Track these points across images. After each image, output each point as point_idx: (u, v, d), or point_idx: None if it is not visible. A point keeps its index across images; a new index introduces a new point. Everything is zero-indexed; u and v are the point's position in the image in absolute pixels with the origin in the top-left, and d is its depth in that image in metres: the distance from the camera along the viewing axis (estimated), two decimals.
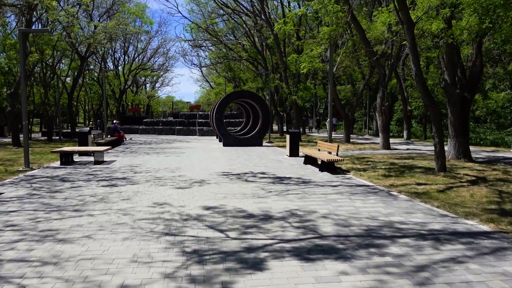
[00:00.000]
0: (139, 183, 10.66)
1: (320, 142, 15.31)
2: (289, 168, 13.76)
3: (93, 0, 30.50)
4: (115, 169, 13.41)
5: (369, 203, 8.26)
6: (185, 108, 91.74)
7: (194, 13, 40.35)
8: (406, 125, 28.83)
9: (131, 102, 62.52)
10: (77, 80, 34.12)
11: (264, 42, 34.53)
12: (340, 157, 13.03)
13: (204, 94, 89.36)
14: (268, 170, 13.26)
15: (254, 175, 12.19)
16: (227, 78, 54.94)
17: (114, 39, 34.02)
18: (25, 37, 22.28)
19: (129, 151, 20.39)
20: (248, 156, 17.81)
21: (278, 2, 34.89)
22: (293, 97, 26.47)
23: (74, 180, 11.16)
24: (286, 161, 15.86)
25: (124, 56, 52.08)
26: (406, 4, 11.42)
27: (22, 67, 13.78)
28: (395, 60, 21.15)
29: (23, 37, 13.67)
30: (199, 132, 35.42)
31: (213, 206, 8.01)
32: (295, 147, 17.26)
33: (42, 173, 12.59)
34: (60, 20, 24.96)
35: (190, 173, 12.60)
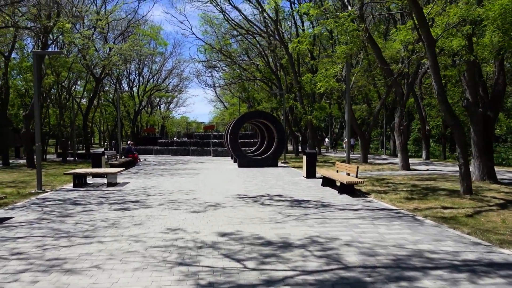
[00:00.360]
0: (152, 207, 10.32)
1: (338, 163, 14.86)
2: (306, 190, 13.31)
3: (108, 23, 30.86)
4: (128, 192, 13.12)
5: (394, 229, 7.77)
6: (199, 128, 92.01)
7: (207, 34, 40.58)
8: (425, 144, 28.17)
9: (146, 123, 62.84)
10: (92, 101, 34.35)
11: (278, 62, 34.46)
12: (360, 178, 12.55)
13: (218, 114, 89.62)
14: (285, 192, 12.83)
15: (270, 197, 11.77)
16: (241, 99, 54.95)
17: (129, 61, 34.27)
18: (40, 59, 22.49)
19: (143, 172, 20.16)
20: (264, 177, 17.41)
21: (292, 23, 34.96)
22: (308, 117, 26.12)
23: (85, 204, 10.88)
24: (303, 182, 15.41)
25: (139, 78, 52.59)
26: (427, 21, 11.09)
27: (36, 88, 13.71)
28: (413, 78, 20.71)
29: (37, 59, 13.64)
30: (214, 153, 35.18)
31: (229, 232, 7.60)
32: (312, 168, 16.82)
33: (54, 196, 12.35)
34: (76, 42, 25.20)
35: (204, 195, 12.24)
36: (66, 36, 25.13)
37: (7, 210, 10.10)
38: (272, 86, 39.11)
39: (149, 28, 41.19)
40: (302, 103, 27.29)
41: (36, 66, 13.59)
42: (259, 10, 31.81)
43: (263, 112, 24.68)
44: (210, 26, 40.00)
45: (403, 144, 20.09)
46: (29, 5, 16.40)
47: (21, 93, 33.97)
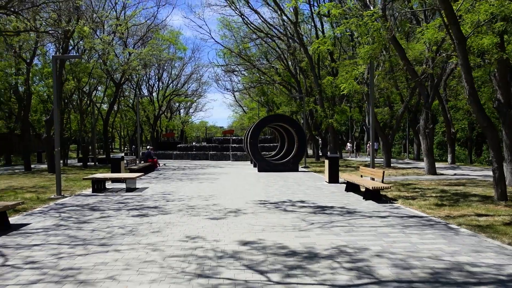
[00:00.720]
0: (171, 213, 10.01)
1: (363, 167, 14.33)
2: (330, 195, 12.83)
3: (127, 28, 30.95)
4: (147, 197, 12.86)
5: (428, 239, 7.26)
6: (218, 133, 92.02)
7: (226, 39, 40.49)
8: (450, 148, 27.31)
9: (165, 128, 63.10)
10: (112, 106, 34.49)
11: (297, 65, 34.03)
12: (386, 184, 12.02)
13: (237, 119, 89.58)
14: (308, 198, 12.38)
15: (293, 203, 11.34)
16: (260, 103, 54.68)
17: (148, 66, 34.31)
18: (61, 64, 22.58)
19: (162, 177, 19.96)
20: (285, 182, 16.98)
21: (311, 25, 34.52)
22: (329, 120, 25.60)
23: (104, 209, 10.64)
24: (326, 188, 14.93)
25: (158, 83, 52.78)
26: (456, 18, 10.54)
27: (56, 93, 13.61)
28: (438, 79, 20.03)
29: (55, 63, 13.55)
30: (233, 157, 34.88)
31: (251, 241, 7.21)
32: (335, 173, 16.31)
33: (73, 201, 12.17)
34: (96, 47, 25.26)
35: (224, 201, 11.89)
36: (86, 42, 25.22)
37: (25, 216, 9.93)
38: (292, 89, 38.70)
39: (168, 33, 41.29)
40: (322, 106, 26.78)
41: (55, 70, 13.50)
42: (278, 13, 31.54)
43: (283, 116, 24.27)
44: (229, 30, 39.96)
45: (429, 148, 19.40)
46: (49, 10, 16.39)
47: (43, 99, 34.36)
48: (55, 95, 13.57)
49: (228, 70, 43.80)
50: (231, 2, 31.31)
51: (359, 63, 24.17)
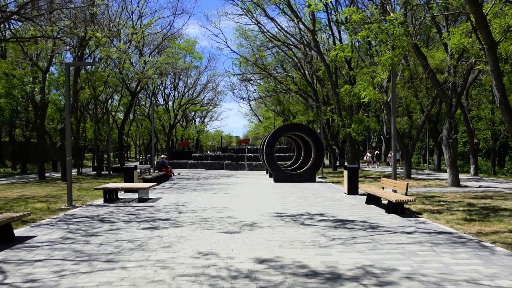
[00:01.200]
0: (183, 226, 9.53)
1: (384, 179, 13.70)
2: (350, 208, 12.21)
3: (143, 37, 30.89)
4: (159, 208, 12.43)
5: (461, 259, 6.63)
6: (234, 142, 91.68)
7: (242, 48, 40.23)
8: (473, 159, 26.37)
9: (181, 137, 63.03)
10: (127, 115, 34.42)
11: (314, 74, 33.52)
12: (410, 196, 11.37)
13: (252, 128, 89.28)
14: (326, 210, 11.79)
15: (311, 216, 10.76)
16: (276, 112, 54.23)
17: (164, 75, 34.19)
18: (76, 72, 22.46)
19: (176, 187, 19.56)
20: (302, 193, 16.39)
21: (329, 34, 34.01)
22: (347, 130, 24.96)
23: (114, 221, 10.22)
24: (345, 200, 14.30)
25: (174, 92, 52.81)
26: (486, 22, 9.93)
27: (68, 101, 13.35)
28: (462, 88, 19.31)
29: (68, 70, 13.30)
30: (248, 167, 34.41)
31: (268, 259, 6.68)
32: (354, 184, 15.68)
33: (83, 212, 11.80)
34: (112, 56, 25.16)
35: (239, 213, 11.37)
36: (102, 50, 25.15)
37: (33, 227, 9.57)
38: (308, 98, 38.14)
39: (184, 42, 41.26)
40: (340, 115, 26.17)
41: (68, 78, 13.24)
42: (295, 22, 31.16)
43: (300, 125, 23.74)
44: (245, 39, 39.70)
45: (452, 159, 18.62)
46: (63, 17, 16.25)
47: (60, 108, 34.44)
48: (68, 103, 13.30)
49: (244, 79, 43.54)
50: (248, 10, 31.06)
51: (378, 71, 23.61)
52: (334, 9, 30.05)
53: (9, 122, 34.00)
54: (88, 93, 26.09)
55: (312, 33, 25.83)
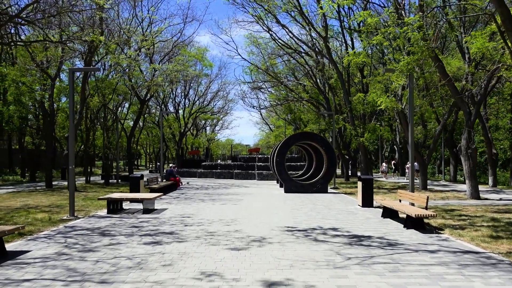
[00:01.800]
0: (188, 240, 8.93)
1: (402, 191, 12.96)
2: (365, 222, 11.50)
3: (153, 44, 30.59)
4: (164, 220, 11.84)
5: (495, 284, 5.91)
6: (244, 151, 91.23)
7: (253, 55, 39.79)
8: (492, 170, 25.40)
9: (191, 145, 62.69)
10: (137, 123, 34.08)
11: (326, 82, 32.88)
12: (431, 211, 10.63)
13: (263, 137, 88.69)
14: (340, 224, 11.10)
15: (324, 231, 10.08)
16: (287, 121, 53.62)
17: (174, 82, 33.83)
18: (84, 78, 22.11)
19: (183, 197, 18.99)
20: (314, 205, 15.70)
21: (341, 41, 33.42)
22: (361, 139, 24.24)
23: (115, 235, 9.65)
24: (360, 213, 13.58)
25: (185, 100, 52.51)
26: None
27: (71, 107, 12.90)
28: (482, 96, 18.54)
29: (72, 75, 12.87)
30: (258, 176, 33.76)
31: (277, 281, 6.03)
32: (369, 196, 14.95)
33: (84, 224, 11.26)
34: (121, 63, 24.83)
35: (248, 227, 10.73)
36: (111, 58, 24.88)
37: (29, 240, 9.04)
38: (320, 107, 37.50)
39: (195, 49, 40.98)
40: (353, 124, 25.47)
41: (72, 83, 12.81)
42: (306, 29, 30.62)
43: (312, 134, 23.07)
44: (256, 47, 39.28)
45: (472, 170, 17.80)
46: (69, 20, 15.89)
47: None
48: (71, 109, 12.85)
49: (254, 87, 43.06)
50: (259, 18, 30.65)
51: (392, 79, 22.91)
52: (346, 16, 29.52)
53: (18, 130, 33.90)
54: (97, 100, 25.74)
55: (324, 40, 25.26)
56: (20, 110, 28.50)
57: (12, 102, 26.86)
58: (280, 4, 28.35)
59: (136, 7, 29.51)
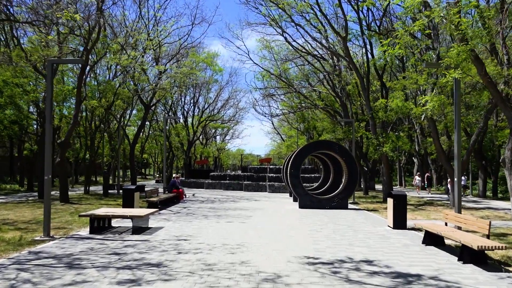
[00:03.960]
0: (177, 279, 6.71)
1: (448, 212, 10.58)
2: (405, 252, 9.15)
3: (160, 45, 28.68)
4: (155, 244, 9.63)
5: None
6: (255, 161, 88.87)
7: (265, 61, 37.65)
8: None
9: (200, 155, 60.64)
10: (141, 129, 32.11)
11: (343, 88, 30.60)
12: (497, 242, 8.27)
13: (274, 147, 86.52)
14: (375, 254, 8.77)
15: (356, 265, 7.78)
16: (299, 130, 51.34)
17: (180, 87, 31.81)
18: (79, 79, 20.10)
19: (185, 212, 16.77)
20: (335, 225, 13.36)
21: (360, 46, 31.23)
22: (384, 149, 21.87)
23: (85, 267, 7.46)
24: (393, 237, 11.20)
25: (194, 107, 50.55)
26: None
27: (49, 103, 10.82)
28: None
29: (51, 67, 10.83)
30: (270, 189, 31.46)
31: None
32: (402, 215, 12.59)
33: (55, 248, 9.10)
34: (122, 64, 22.87)
35: (257, 256, 8.47)
36: (111, 58, 23.00)
37: None
38: (335, 115, 35.14)
39: (205, 54, 39.07)
40: (375, 132, 23.10)
41: (50, 76, 10.77)
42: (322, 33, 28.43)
43: (330, 142, 20.77)
44: (269, 52, 37.20)
45: None
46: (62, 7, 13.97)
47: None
48: (48, 108, 10.78)
49: (266, 95, 40.88)
50: (272, 19, 28.57)
51: (420, 83, 20.58)
52: (365, 19, 27.26)
53: (17, 136, 32.15)
54: (95, 103, 23.76)
55: (344, 40, 23.06)
56: (17, 115, 26.66)
57: (5, 105, 24.97)
58: (294, 5, 26.29)
59: (142, 7, 27.60)
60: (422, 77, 20.11)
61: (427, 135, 35.37)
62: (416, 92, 31.45)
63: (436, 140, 20.14)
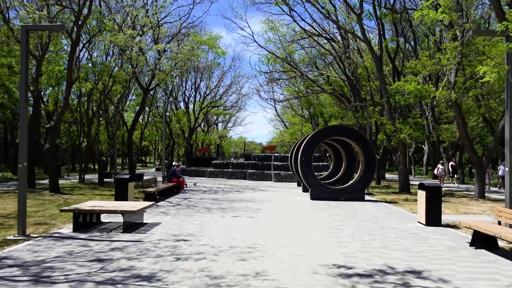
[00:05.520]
0: None
1: (502, 209, 8.86)
2: (454, 258, 7.46)
3: (159, 26, 26.79)
4: (148, 246, 7.97)
5: None
6: (258, 149, 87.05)
7: (271, 43, 35.61)
8: None
9: (202, 142, 58.92)
10: (139, 114, 30.32)
11: (355, 71, 28.73)
12: None
13: (277, 135, 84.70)
14: (419, 262, 7.09)
15: (402, 279, 6.10)
16: (304, 117, 49.52)
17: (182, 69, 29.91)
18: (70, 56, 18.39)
19: (185, 204, 15.10)
20: (357, 220, 11.68)
21: (372, 27, 29.34)
22: (402, 135, 20.11)
23: (55, 281, 5.79)
24: (431, 236, 9.49)
25: (195, 93, 48.69)
26: None
27: (24, 76, 9.07)
28: None
29: (25, 35, 9.06)
30: (275, 177, 29.80)
31: None
32: (436, 211, 10.89)
33: (26, 253, 7.44)
34: (118, 43, 21.02)
35: (274, 264, 6.80)
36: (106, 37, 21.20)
37: None
38: (344, 100, 33.27)
39: (207, 36, 37.10)
40: (391, 117, 21.29)
41: (25, 44, 9.01)
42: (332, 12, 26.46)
43: (346, 128, 18.93)
44: (274, 33, 35.18)
45: None
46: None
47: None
48: (23, 80, 9.04)
49: (271, 79, 39.00)
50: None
51: (443, 63, 18.74)
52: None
53: (9, 121, 30.49)
54: (89, 86, 21.95)
55: (359, 17, 21.14)
56: (6, 98, 24.93)
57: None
58: None
59: None
60: (445, 56, 18.29)
61: (441, 122, 33.55)
62: (429, 76, 29.69)
63: (462, 126, 18.41)
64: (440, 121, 33.48)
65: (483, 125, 30.95)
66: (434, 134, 33.60)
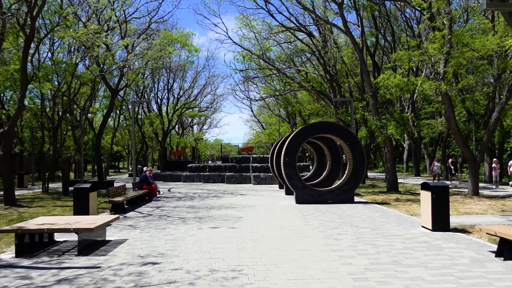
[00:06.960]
0: None
1: None
2: (485, 275, 6.11)
3: (126, 22, 24.97)
4: (107, 275, 6.33)
5: None
6: (234, 151, 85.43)
7: (246, 40, 34.07)
8: None
9: (176, 145, 56.95)
10: (107, 117, 28.32)
11: (334, 66, 27.53)
12: None
13: (254, 136, 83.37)
14: (446, 283, 5.71)
15: None
16: (281, 117, 48.24)
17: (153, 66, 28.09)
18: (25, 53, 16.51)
19: (157, 214, 13.42)
20: (354, 227, 10.27)
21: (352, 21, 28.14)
22: (389, 131, 18.95)
23: None
24: (444, 245, 8.14)
25: (168, 94, 46.75)
26: None
27: None
28: None
29: None
30: (255, 180, 28.29)
31: None
32: (443, 213, 9.59)
33: None
34: (80, 38, 19.14)
35: None
36: (67, 32, 19.33)
37: None
38: (324, 98, 32.07)
39: (179, 34, 35.29)
40: (377, 113, 20.08)
41: None
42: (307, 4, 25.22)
43: (332, 124, 17.60)
44: (249, 31, 33.68)
45: None
46: None
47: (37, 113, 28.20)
48: None
49: (247, 78, 37.52)
50: None
51: (431, 53, 17.69)
52: None
53: None
54: (49, 86, 19.95)
55: (340, 6, 19.87)
56: None
57: None
58: None
59: None
60: (434, 45, 17.19)
61: (420, 117, 32.72)
62: (412, 70, 28.82)
63: (453, 120, 17.33)
64: (419, 116, 32.68)
65: (465, 119, 30.23)
66: (415, 131, 32.80)
